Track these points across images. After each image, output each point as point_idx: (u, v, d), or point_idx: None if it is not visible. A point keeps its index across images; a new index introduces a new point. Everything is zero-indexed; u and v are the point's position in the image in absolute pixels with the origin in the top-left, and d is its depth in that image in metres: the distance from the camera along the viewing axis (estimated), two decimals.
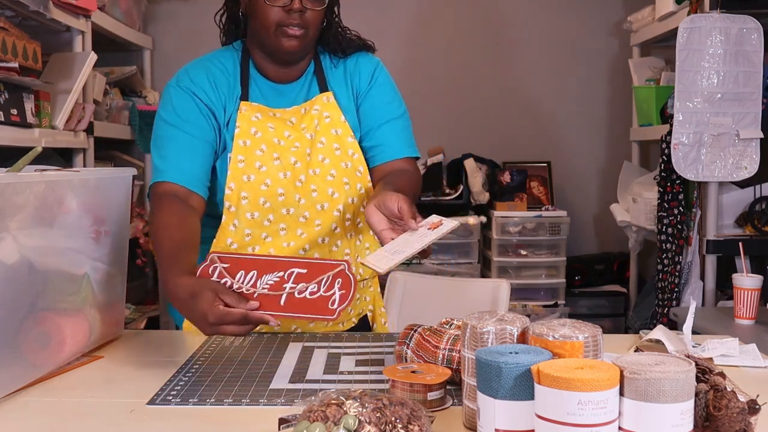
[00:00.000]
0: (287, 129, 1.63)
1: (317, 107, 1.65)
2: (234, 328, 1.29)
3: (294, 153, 1.61)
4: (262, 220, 1.60)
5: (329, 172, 1.62)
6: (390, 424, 0.90)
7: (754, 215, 2.75)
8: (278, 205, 1.60)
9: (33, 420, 1.12)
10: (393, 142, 1.69)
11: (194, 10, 3.78)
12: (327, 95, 1.67)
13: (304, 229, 1.62)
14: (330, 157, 1.62)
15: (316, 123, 1.64)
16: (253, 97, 1.66)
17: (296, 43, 1.59)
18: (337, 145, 1.64)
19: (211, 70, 1.67)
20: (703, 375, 0.96)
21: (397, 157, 1.69)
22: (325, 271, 1.29)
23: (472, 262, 3.63)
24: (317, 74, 1.69)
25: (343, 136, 1.65)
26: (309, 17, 1.59)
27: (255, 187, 1.60)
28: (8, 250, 1.18)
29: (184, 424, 1.10)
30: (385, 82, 1.73)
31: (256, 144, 1.61)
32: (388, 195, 1.38)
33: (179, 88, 1.66)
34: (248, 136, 1.62)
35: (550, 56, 3.91)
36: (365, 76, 1.71)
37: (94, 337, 1.45)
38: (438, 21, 3.91)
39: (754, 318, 2.32)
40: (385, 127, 1.69)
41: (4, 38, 2.18)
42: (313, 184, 1.61)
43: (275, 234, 1.61)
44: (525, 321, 1.05)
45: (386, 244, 1.34)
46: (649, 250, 3.58)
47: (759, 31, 2.69)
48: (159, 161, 1.61)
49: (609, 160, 3.91)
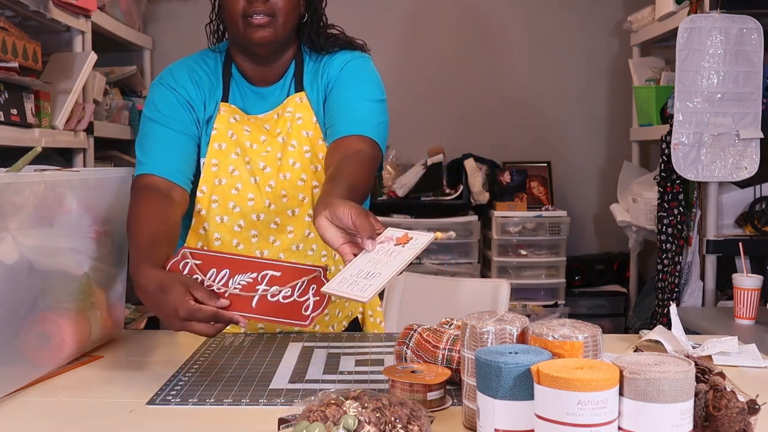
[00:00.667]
0: (263, 133, 1.61)
1: (290, 109, 1.61)
2: (203, 327, 1.21)
3: (264, 158, 1.58)
4: (232, 225, 1.58)
5: (300, 177, 1.58)
6: (390, 424, 0.90)
7: (754, 215, 2.75)
8: (248, 210, 1.57)
9: (33, 420, 1.12)
10: (352, 117, 1.55)
11: (194, 10, 3.77)
12: (300, 95, 1.62)
13: (276, 236, 1.58)
14: (300, 160, 1.58)
15: (288, 126, 1.60)
16: (233, 99, 1.64)
17: (265, 33, 1.54)
18: (307, 147, 1.59)
19: (194, 69, 1.66)
20: (702, 375, 0.96)
21: (356, 133, 1.52)
22: (300, 275, 1.26)
23: (472, 262, 3.63)
24: (296, 76, 1.64)
25: (314, 138, 1.60)
26: (274, 3, 1.54)
27: (226, 191, 1.58)
28: (8, 250, 1.18)
29: (184, 424, 1.10)
30: (359, 70, 1.62)
31: (232, 147, 1.59)
32: (338, 206, 1.20)
33: (161, 85, 1.64)
34: (224, 138, 1.60)
35: (551, 56, 3.92)
36: (336, 66, 1.63)
37: (94, 337, 1.45)
38: (437, 21, 3.91)
39: (754, 318, 2.32)
40: (347, 104, 1.57)
41: (4, 38, 2.18)
42: (284, 189, 1.57)
43: (247, 241, 1.58)
44: (525, 321, 1.05)
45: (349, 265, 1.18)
46: (649, 250, 3.58)
47: (759, 31, 2.69)
48: (141, 155, 1.58)
49: (609, 160, 3.91)
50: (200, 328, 1.21)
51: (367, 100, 1.59)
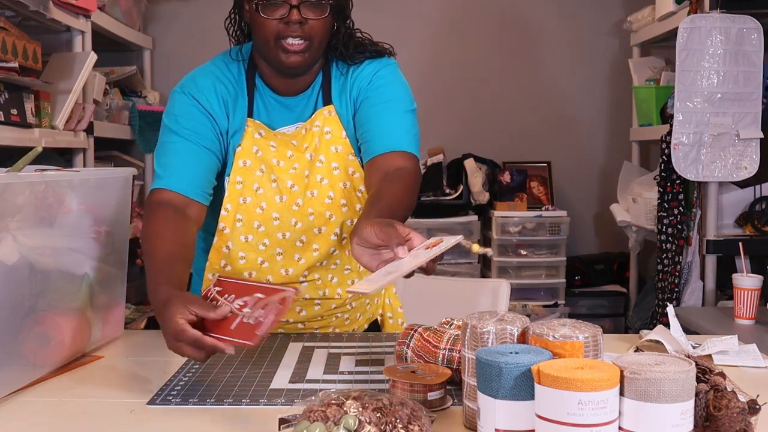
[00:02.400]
0: (290, 149, 1.55)
1: (318, 123, 1.56)
2: (189, 350, 1.17)
3: (292, 176, 1.54)
4: (256, 244, 1.54)
5: (327, 194, 1.53)
6: (390, 424, 0.90)
7: (754, 215, 2.75)
8: (273, 230, 1.54)
9: (33, 420, 1.12)
10: (390, 133, 1.53)
11: (194, 10, 3.77)
12: (329, 109, 1.57)
13: (301, 254, 1.55)
14: (328, 177, 1.54)
15: (316, 141, 1.55)
16: (258, 112, 1.58)
17: (299, 59, 1.49)
18: (336, 164, 1.54)
19: (218, 77, 1.58)
20: (703, 375, 0.96)
21: (394, 149, 1.51)
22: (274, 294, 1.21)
23: (472, 262, 3.63)
24: (324, 86, 1.59)
25: (343, 154, 1.55)
26: (311, 28, 1.48)
27: (251, 209, 1.54)
28: (8, 250, 1.18)
29: (184, 424, 1.10)
30: (386, 83, 1.58)
31: (256, 164, 1.54)
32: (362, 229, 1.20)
33: (183, 94, 1.57)
34: (249, 155, 1.54)
35: (551, 56, 3.92)
36: (365, 77, 1.58)
37: (94, 337, 1.45)
38: (438, 22, 3.91)
39: (754, 318, 2.32)
40: (382, 118, 1.54)
41: (4, 38, 2.18)
42: (311, 207, 1.53)
43: (272, 259, 1.55)
44: (525, 321, 1.05)
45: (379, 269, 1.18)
46: (649, 250, 3.58)
47: (759, 31, 2.69)
48: (159, 168, 1.54)
49: (609, 160, 3.91)
50: (188, 351, 1.17)
51: (400, 112, 1.56)
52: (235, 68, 1.60)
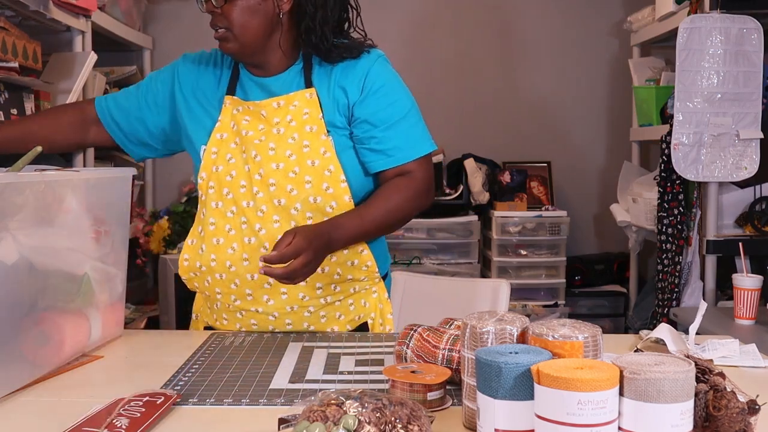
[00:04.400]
0: (261, 122, 1.63)
1: (296, 103, 1.62)
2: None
3: (257, 146, 1.60)
4: (225, 211, 1.61)
5: (292, 169, 1.58)
6: (390, 424, 0.90)
7: (754, 215, 2.75)
8: (239, 197, 1.60)
9: (33, 420, 1.12)
10: (393, 148, 1.63)
11: (194, 10, 3.73)
12: (310, 92, 1.62)
13: (262, 224, 1.58)
14: (297, 153, 1.58)
15: (289, 118, 1.61)
16: (238, 90, 1.68)
17: (227, 46, 1.61)
18: (307, 142, 1.59)
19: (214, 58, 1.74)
20: (702, 375, 0.96)
21: (396, 164, 1.64)
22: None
23: (472, 262, 3.63)
24: (305, 70, 1.64)
25: (317, 134, 1.60)
26: (225, 16, 1.58)
27: (221, 177, 1.62)
28: (8, 250, 1.18)
29: (184, 424, 1.10)
30: (382, 84, 1.64)
31: (232, 137, 1.64)
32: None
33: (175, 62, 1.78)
34: (226, 129, 1.64)
35: (550, 56, 3.91)
36: (356, 82, 1.63)
37: (94, 337, 1.45)
38: (438, 21, 3.91)
39: (754, 318, 2.31)
40: (387, 134, 1.63)
41: (4, 38, 2.18)
42: (273, 178, 1.58)
43: (238, 228, 1.60)
44: (525, 321, 1.05)
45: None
46: (649, 250, 3.58)
47: (759, 31, 2.69)
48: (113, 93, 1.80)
49: (609, 160, 3.91)
50: None
51: (399, 121, 1.64)
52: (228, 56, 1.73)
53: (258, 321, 1.62)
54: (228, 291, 1.62)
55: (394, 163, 1.64)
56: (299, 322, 1.63)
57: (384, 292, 1.74)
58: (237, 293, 1.61)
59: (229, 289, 1.61)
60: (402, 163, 1.64)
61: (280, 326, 1.63)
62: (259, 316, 1.62)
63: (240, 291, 1.60)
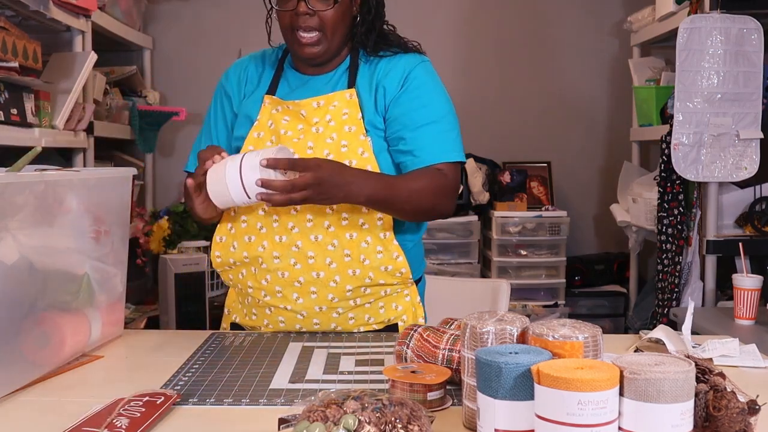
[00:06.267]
0: (301, 122, 1.62)
1: (336, 103, 1.61)
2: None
3: (294, 144, 1.59)
4: (257, 209, 1.61)
5: None
6: (390, 424, 0.90)
7: (754, 215, 2.75)
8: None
9: (33, 420, 1.12)
10: (422, 149, 1.61)
11: (194, 10, 3.77)
12: (350, 92, 1.62)
13: (295, 223, 1.57)
14: (335, 153, 1.57)
15: (328, 118, 1.60)
16: (280, 91, 1.68)
17: (312, 51, 1.60)
18: (345, 142, 1.59)
19: (249, 64, 1.75)
20: (702, 375, 0.96)
21: (424, 164, 1.60)
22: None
23: (472, 262, 3.63)
24: (350, 70, 1.65)
25: (355, 134, 1.60)
26: (321, 19, 1.57)
27: None
28: (8, 250, 1.18)
29: (184, 423, 1.10)
30: (419, 85, 1.64)
31: (268, 136, 1.63)
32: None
33: (218, 85, 1.77)
34: (263, 128, 1.64)
35: (550, 56, 3.91)
36: (396, 80, 1.64)
37: (94, 337, 1.45)
38: (438, 22, 3.91)
39: (754, 318, 2.31)
40: (415, 134, 1.61)
41: (4, 38, 2.18)
42: None
43: (269, 226, 1.59)
44: (525, 321, 1.05)
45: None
46: (649, 250, 3.58)
47: (759, 31, 2.69)
48: (192, 153, 1.74)
49: (609, 160, 3.91)
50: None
51: (431, 123, 1.62)
52: (272, 56, 1.75)
53: (286, 318, 1.62)
54: (259, 286, 1.61)
55: (421, 164, 1.60)
56: (327, 322, 1.62)
57: (416, 295, 1.70)
58: (267, 289, 1.60)
59: (260, 284, 1.61)
60: (429, 164, 1.60)
61: (307, 325, 1.62)
62: (287, 314, 1.61)
63: (270, 287, 1.60)
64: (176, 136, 3.80)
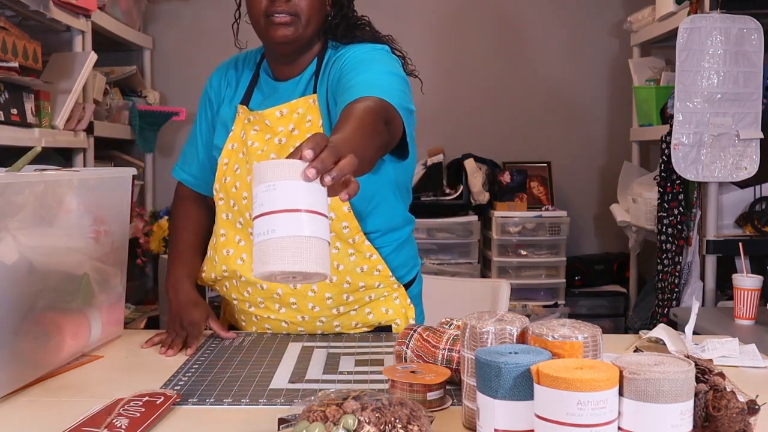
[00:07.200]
0: (268, 131, 1.59)
1: (300, 110, 1.58)
2: (180, 336, 1.52)
3: (258, 156, 1.57)
4: (234, 222, 1.61)
5: None
6: (389, 424, 0.90)
7: (754, 215, 2.75)
8: (243, 209, 1.58)
9: (33, 420, 1.12)
10: (360, 83, 1.42)
11: (194, 10, 3.77)
12: (312, 97, 1.58)
13: None
14: None
15: (291, 127, 1.57)
16: (254, 100, 1.65)
17: (286, 32, 1.54)
18: None
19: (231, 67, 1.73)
20: (702, 375, 0.96)
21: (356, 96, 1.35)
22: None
23: (472, 262, 3.63)
24: (316, 74, 1.61)
25: None
26: (297, 3, 1.54)
27: (228, 188, 1.61)
28: (8, 249, 1.18)
29: (184, 423, 1.10)
30: (370, 53, 1.55)
31: (240, 147, 1.62)
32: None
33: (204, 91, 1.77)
34: (237, 139, 1.63)
35: (551, 56, 3.91)
36: (338, 66, 1.56)
37: (94, 337, 1.45)
38: (438, 21, 3.91)
39: (754, 318, 2.31)
40: (352, 77, 1.46)
41: (4, 38, 2.18)
42: None
43: (246, 238, 1.58)
44: (524, 321, 1.05)
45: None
46: (649, 250, 3.58)
47: (759, 31, 2.69)
48: (181, 156, 1.78)
49: (609, 160, 3.91)
50: (179, 334, 1.53)
51: (379, 72, 1.48)
52: (251, 60, 1.73)
53: (272, 326, 1.63)
54: (243, 298, 1.62)
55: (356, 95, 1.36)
56: (312, 331, 1.62)
57: (406, 298, 1.67)
58: (250, 301, 1.61)
59: (242, 296, 1.62)
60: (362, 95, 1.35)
61: (293, 333, 1.63)
62: (272, 322, 1.62)
63: (253, 299, 1.61)
64: (176, 136, 3.80)
